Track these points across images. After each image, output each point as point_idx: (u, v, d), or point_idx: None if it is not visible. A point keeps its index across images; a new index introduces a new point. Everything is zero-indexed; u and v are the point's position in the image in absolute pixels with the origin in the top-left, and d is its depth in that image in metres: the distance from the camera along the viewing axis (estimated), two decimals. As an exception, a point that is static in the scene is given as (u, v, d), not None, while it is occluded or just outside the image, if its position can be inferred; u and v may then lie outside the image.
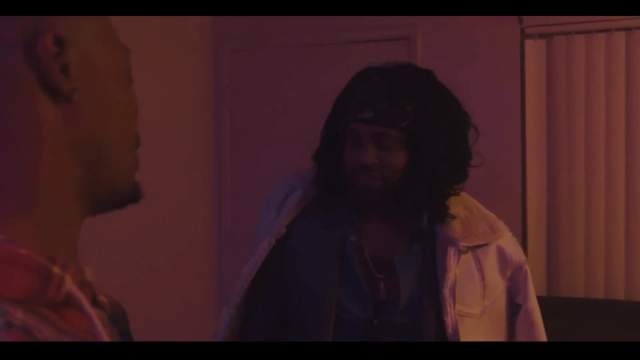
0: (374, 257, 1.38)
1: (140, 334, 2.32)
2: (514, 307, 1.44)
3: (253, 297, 1.43)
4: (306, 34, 2.62)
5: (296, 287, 1.40)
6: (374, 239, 1.40)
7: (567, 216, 2.54)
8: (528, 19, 2.44)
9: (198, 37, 2.75)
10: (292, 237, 1.41)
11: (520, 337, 1.43)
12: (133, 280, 2.39)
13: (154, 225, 2.50)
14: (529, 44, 2.50)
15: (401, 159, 1.33)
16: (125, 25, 2.40)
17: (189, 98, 2.73)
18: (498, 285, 1.40)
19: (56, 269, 0.59)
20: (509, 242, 1.43)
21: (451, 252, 1.34)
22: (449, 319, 1.31)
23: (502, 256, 1.41)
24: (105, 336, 0.61)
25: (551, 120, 2.57)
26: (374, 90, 1.31)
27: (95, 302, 0.71)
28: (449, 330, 1.31)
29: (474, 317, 1.35)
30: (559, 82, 2.54)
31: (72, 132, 0.64)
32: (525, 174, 2.51)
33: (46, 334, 0.56)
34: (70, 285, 0.59)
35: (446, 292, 1.32)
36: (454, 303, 1.32)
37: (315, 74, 2.65)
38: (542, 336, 1.44)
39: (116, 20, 0.84)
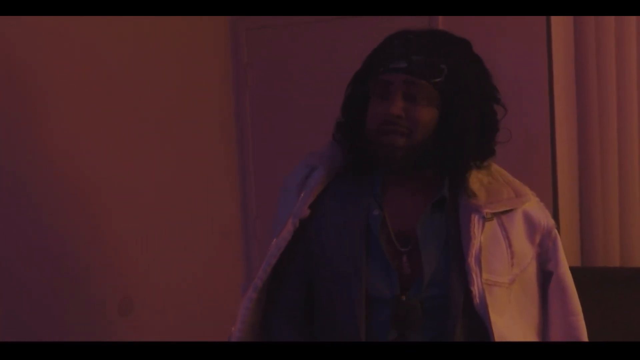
0: (397, 229, 1.34)
1: (170, 321, 2.33)
2: (545, 275, 1.40)
3: (277, 281, 1.39)
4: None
5: (323, 268, 1.36)
6: (396, 210, 1.36)
7: (599, 186, 2.48)
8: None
9: (214, 17, 2.71)
10: (317, 217, 1.37)
11: (553, 305, 1.39)
12: (152, 273, 2.40)
13: (176, 211, 2.49)
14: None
15: (429, 116, 1.30)
16: (140, 18, 2.36)
17: (209, 79, 2.71)
18: (527, 252, 1.36)
19: None
20: (535, 206, 1.39)
21: (475, 219, 1.31)
22: (475, 289, 1.27)
23: (529, 221, 1.37)
24: None
25: (581, 90, 2.49)
26: (409, 44, 1.30)
27: None
28: (476, 300, 1.27)
29: (503, 286, 1.32)
30: (588, 51, 2.46)
31: None
32: (554, 144, 2.45)
33: None
34: None
35: (471, 261, 1.28)
36: (481, 272, 1.28)
37: (336, 48, 2.61)
38: (575, 304, 1.40)
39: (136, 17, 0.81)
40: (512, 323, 1.32)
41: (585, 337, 1.39)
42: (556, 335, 1.38)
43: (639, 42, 2.43)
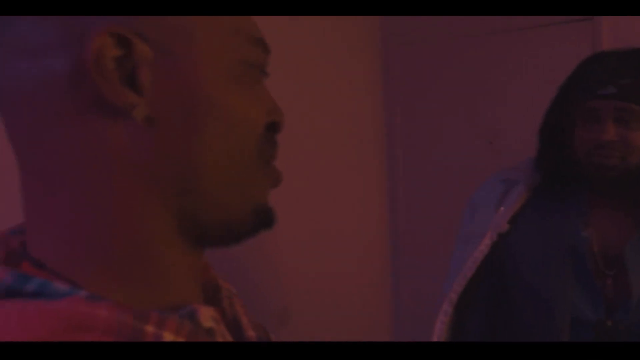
0: (601, 251, 1.33)
1: (318, 334, 2.35)
2: None
3: (469, 295, 1.41)
4: (476, 22, 2.53)
5: (521, 286, 1.36)
6: (602, 231, 1.34)
7: None
8: None
9: (366, 32, 2.75)
10: (515, 233, 1.37)
11: None
12: (306, 282, 2.45)
13: (327, 225, 2.53)
14: None
15: None
16: (293, 26, 2.44)
17: (360, 95, 2.74)
18: None
19: (149, 328, 0.47)
20: None
21: None
22: None
23: None
24: None
25: None
26: (615, 68, 1.29)
27: (241, 338, 0.63)
28: None
29: None
30: None
31: (152, 158, 0.50)
32: None
33: None
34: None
35: None
36: None
37: (490, 63, 2.57)
38: None
39: (283, 21, 0.80)
40: None
41: None
42: None
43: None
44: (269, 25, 2.12)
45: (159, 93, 0.49)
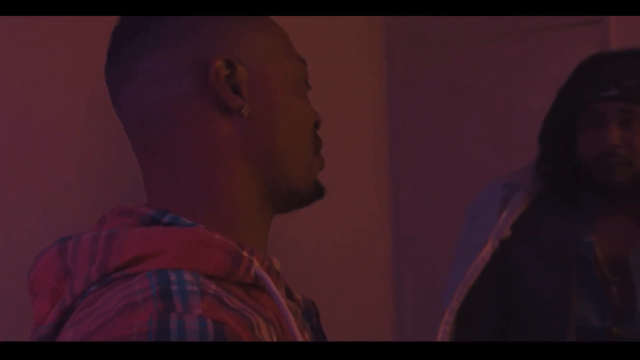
0: (606, 257, 1.28)
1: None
2: None
3: (471, 303, 1.37)
4: (482, 24, 2.51)
5: (525, 294, 1.33)
6: (607, 237, 1.30)
7: None
8: None
9: (370, 33, 2.73)
10: (518, 239, 1.34)
11: None
12: (310, 280, 2.43)
13: (329, 225, 2.51)
14: None
15: None
16: (296, 25, 2.42)
17: (363, 97, 2.72)
18: None
19: (245, 253, 0.66)
20: None
21: None
22: None
23: None
24: (292, 320, 0.65)
25: None
26: (617, 68, 1.24)
27: (290, 297, 0.78)
28: None
29: None
30: None
31: (247, 144, 0.71)
32: None
33: (237, 303, 0.62)
34: (258, 268, 0.66)
35: None
36: None
37: (499, 67, 2.53)
38: None
39: (287, 20, 0.88)
40: None
41: None
42: None
43: None
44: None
45: (250, 100, 0.71)
